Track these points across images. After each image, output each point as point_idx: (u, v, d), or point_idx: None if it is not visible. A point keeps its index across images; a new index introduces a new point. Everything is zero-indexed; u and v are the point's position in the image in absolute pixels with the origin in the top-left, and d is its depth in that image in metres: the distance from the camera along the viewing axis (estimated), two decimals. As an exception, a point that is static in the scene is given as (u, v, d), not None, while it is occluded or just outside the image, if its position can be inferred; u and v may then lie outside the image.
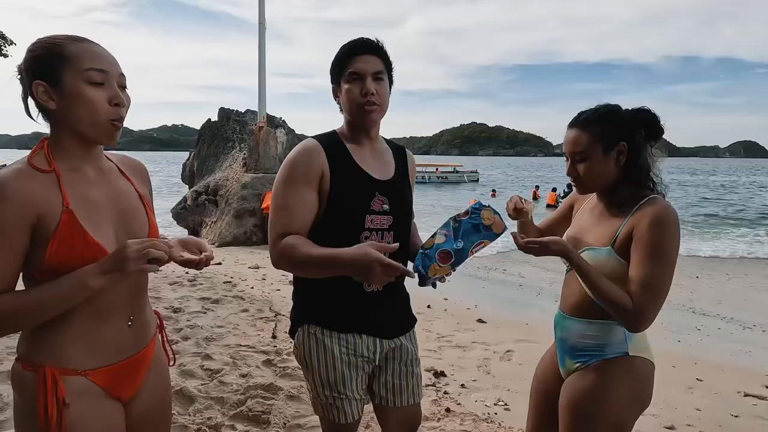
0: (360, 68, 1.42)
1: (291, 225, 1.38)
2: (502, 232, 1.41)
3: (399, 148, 1.64)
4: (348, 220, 1.42)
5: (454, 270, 1.39)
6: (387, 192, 1.46)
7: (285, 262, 1.38)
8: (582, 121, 1.43)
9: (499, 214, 1.41)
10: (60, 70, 1.03)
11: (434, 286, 1.42)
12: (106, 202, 1.12)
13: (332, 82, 1.50)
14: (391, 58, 1.50)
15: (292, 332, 1.56)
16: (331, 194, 1.41)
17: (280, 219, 1.39)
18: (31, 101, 1.08)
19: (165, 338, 1.34)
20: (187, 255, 1.14)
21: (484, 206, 1.41)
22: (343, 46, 1.46)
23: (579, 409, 1.41)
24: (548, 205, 20.14)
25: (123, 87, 1.10)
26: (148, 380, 1.23)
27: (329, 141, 1.47)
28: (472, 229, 1.39)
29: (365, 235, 1.43)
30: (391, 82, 1.51)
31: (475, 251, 1.40)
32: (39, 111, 1.08)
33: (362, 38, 1.46)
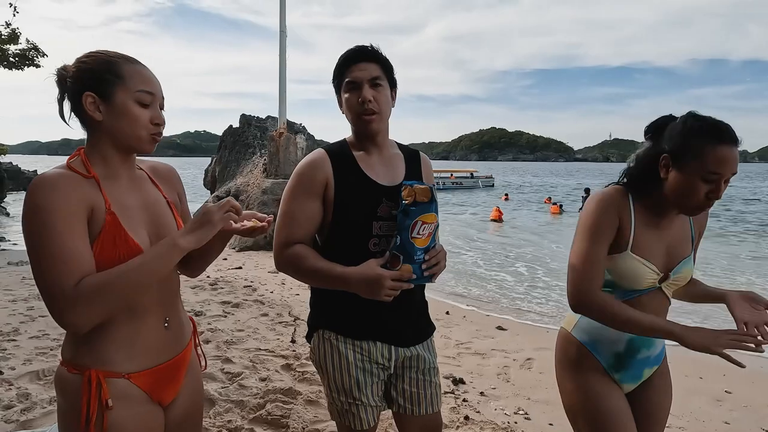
0: (356, 76, 1.44)
1: (294, 234, 1.45)
2: (432, 197, 1.35)
3: (412, 152, 1.63)
4: (355, 228, 1.44)
5: (418, 260, 1.34)
6: (395, 197, 1.45)
7: (290, 270, 1.46)
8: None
9: (415, 183, 1.36)
10: (113, 87, 1.10)
11: (429, 280, 1.40)
12: (139, 208, 1.17)
13: (335, 93, 1.53)
14: (390, 61, 1.50)
15: (308, 337, 1.58)
16: (336, 202, 1.45)
17: (285, 227, 1.46)
18: (65, 105, 1.13)
19: (198, 343, 1.36)
20: (248, 223, 1.18)
21: (402, 187, 1.37)
22: (340, 57, 1.48)
23: (670, 402, 1.55)
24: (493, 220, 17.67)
25: (162, 107, 1.19)
26: (184, 385, 1.25)
27: (337, 150, 1.51)
28: (402, 216, 1.35)
29: (374, 242, 1.44)
30: (393, 86, 1.52)
31: (421, 234, 1.34)
32: (78, 118, 1.14)
33: (357, 46, 1.48)
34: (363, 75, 1.44)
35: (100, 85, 1.09)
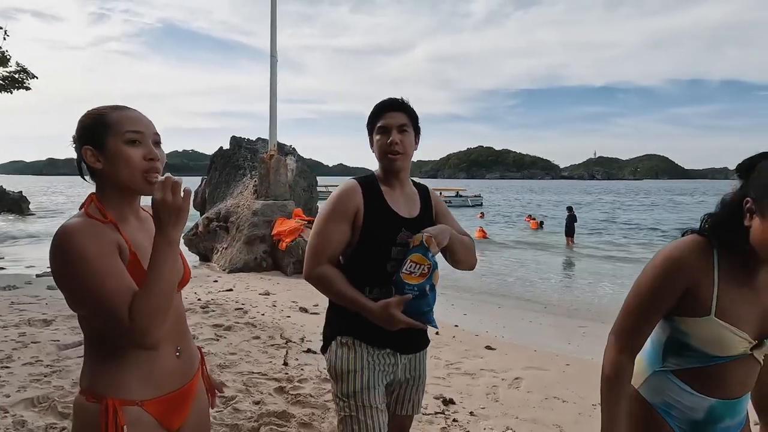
0: (387, 123, 1.72)
1: (325, 251, 1.68)
2: (422, 243, 1.58)
3: (424, 189, 1.89)
4: (377, 251, 1.68)
5: (413, 293, 1.56)
6: (412, 227, 1.70)
7: (319, 286, 1.68)
8: None
9: (417, 233, 1.61)
10: (104, 136, 1.20)
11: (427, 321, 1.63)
12: (151, 247, 1.25)
13: (368, 134, 1.79)
14: (415, 111, 1.77)
15: (324, 349, 1.77)
16: (364, 228, 1.68)
17: (318, 244, 1.68)
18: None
19: (206, 372, 1.44)
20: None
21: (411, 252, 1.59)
22: (375, 106, 1.77)
23: None
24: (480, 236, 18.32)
25: (157, 143, 1.26)
26: (192, 413, 1.33)
27: (367, 182, 1.75)
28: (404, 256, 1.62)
29: (391, 265, 1.67)
30: (417, 133, 1.78)
31: (409, 271, 1.57)
32: (88, 171, 1.25)
33: (390, 98, 1.76)
34: (393, 122, 1.71)
35: (95, 137, 1.20)
